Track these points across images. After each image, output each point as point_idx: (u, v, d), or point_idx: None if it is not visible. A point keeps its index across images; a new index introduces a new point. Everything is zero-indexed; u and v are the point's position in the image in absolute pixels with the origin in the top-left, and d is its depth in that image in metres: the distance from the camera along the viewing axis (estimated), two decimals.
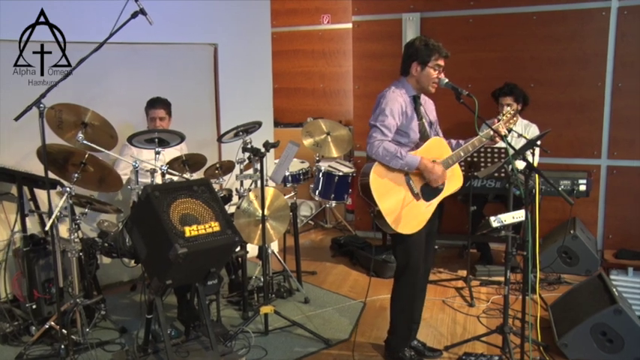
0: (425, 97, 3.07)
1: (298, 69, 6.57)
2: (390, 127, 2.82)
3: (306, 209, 6.14)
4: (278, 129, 6.12)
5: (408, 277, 2.97)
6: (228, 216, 2.90)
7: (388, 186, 2.82)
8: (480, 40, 4.94)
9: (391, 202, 2.81)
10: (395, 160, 2.77)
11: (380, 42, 5.27)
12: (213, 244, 2.72)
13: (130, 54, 4.15)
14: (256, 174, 3.70)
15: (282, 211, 3.79)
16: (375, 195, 2.78)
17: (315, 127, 5.12)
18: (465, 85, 3.84)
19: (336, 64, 6.42)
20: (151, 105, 3.96)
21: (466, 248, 4.34)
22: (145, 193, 2.71)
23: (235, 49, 4.68)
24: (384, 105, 2.85)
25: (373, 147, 2.78)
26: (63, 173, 3.17)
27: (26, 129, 3.20)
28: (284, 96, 6.54)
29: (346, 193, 5.16)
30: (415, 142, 2.94)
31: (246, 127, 3.77)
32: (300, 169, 5.28)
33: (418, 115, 2.96)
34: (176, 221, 2.65)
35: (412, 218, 2.86)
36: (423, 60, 2.88)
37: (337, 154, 5.09)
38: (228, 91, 4.68)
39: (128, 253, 3.37)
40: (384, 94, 2.90)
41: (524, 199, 2.75)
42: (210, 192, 2.89)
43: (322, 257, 5.02)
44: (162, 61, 4.34)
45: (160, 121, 3.92)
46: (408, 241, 2.91)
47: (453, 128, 3.95)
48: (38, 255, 3.38)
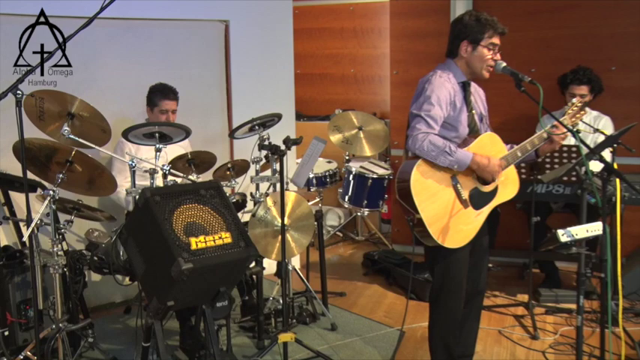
0: (474, 84, 3.06)
1: (325, 51, 6.57)
2: (437, 118, 2.81)
3: (333, 218, 6.15)
4: (301, 122, 6.15)
5: (446, 301, 2.95)
6: (242, 225, 2.89)
7: (432, 189, 2.81)
8: (545, 15, 4.86)
9: (435, 208, 2.80)
10: (443, 156, 2.75)
11: (423, 18, 5.24)
12: (223, 259, 2.72)
13: (126, 32, 4.21)
14: (275, 176, 3.71)
15: (305, 221, 3.80)
16: (416, 199, 2.77)
17: (344, 121, 5.11)
18: (526, 70, 3.80)
19: (370, 45, 6.40)
20: (163, 94, 3.96)
21: (527, 268, 4.30)
22: (144, 198, 2.72)
23: (250, 28, 4.71)
24: (429, 92, 2.84)
25: (417, 140, 2.76)
26: (45, 173, 3.20)
27: (1, 121, 3.26)
28: (308, 83, 6.55)
29: (381, 199, 5.15)
30: (463, 137, 2.93)
31: (263, 120, 3.78)
32: (327, 170, 5.28)
33: (468, 106, 2.95)
34: (180, 231, 2.66)
35: (459, 229, 2.85)
36: (475, 38, 2.87)
37: (371, 152, 5.08)
38: (241, 77, 4.71)
39: (122, 269, 3.39)
40: (429, 79, 2.89)
41: (602, 209, 2.70)
42: (221, 197, 2.89)
43: (352, 275, 5.02)
44: (164, 42, 4.39)
45: (172, 115, 3.96)
46: (450, 258, 2.90)
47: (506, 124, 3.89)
48: (13, 271, 3.39)
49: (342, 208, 6.07)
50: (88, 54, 3.98)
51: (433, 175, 2.81)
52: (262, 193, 3.79)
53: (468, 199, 2.88)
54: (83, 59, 3.97)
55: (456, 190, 2.86)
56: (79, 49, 3.63)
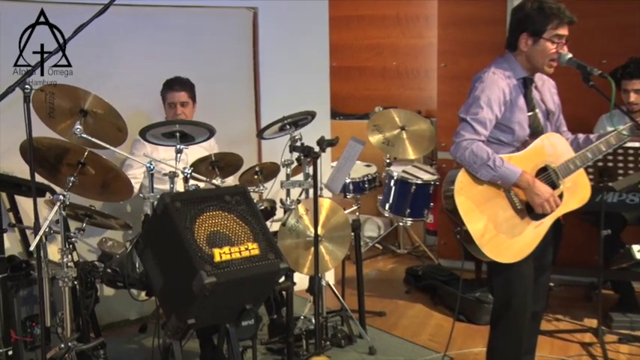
0: (542, 76, 3.03)
1: (364, 41, 6.56)
2: (485, 122, 2.81)
3: (372, 228, 6.14)
4: (337, 121, 6.16)
5: (511, 323, 2.93)
6: (271, 235, 2.90)
7: (481, 197, 2.81)
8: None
9: (484, 219, 2.80)
10: (484, 169, 2.76)
11: (476, 3, 5.19)
12: (250, 273, 2.73)
13: (144, 21, 4.25)
14: (308, 181, 3.70)
15: (341, 231, 3.79)
16: (461, 210, 2.77)
17: (385, 120, 5.10)
18: (596, 61, 3.70)
19: (416, 35, 6.38)
20: (168, 86, 4.04)
21: (596, 288, 4.20)
22: (163, 204, 2.75)
23: (281, 15, 4.73)
24: (479, 91, 2.84)
25: (459, 148, 2.79)
26: (54, 176, 3.24)
27: (7, 117, 3.32)
28: (344, 78, 6.55)
29: (426, 207, 5.13)
30: (522, 139, 2.91)
31: (294, 118, 3.79)
32: (365, 174, 5.27)
33: (529, 105, 2.93)
34: (202, 241, 2.68)
35: (514, 242, 2.83)
36: (537, 30, 2.84)
37: (415, 155, 5.06)
38: (271, 71, 4.73)
39: (138, 283, 3.42)
40: (481, 77, 2.88)
41: None
42: (247, 203, 2.90)
43: (393, 293, 5.00)
44: (185, 31, 4.43)
45: (182, 107, 3.99)
46: (510, 272, 2.88)
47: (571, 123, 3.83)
48: (19, 283, 3.42)
49: (382, 218, 6.04)
50: (102, 45, 4.03)
51: (480, 184, 2.81)
52: (293, 200, 3.79)
53: (525, 208, 2.85)
54: (97, 51, 4.02)
55: (510, 199, 2.84)
56: (93, 40, 3.67)
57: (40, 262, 2.94)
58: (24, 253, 3.75)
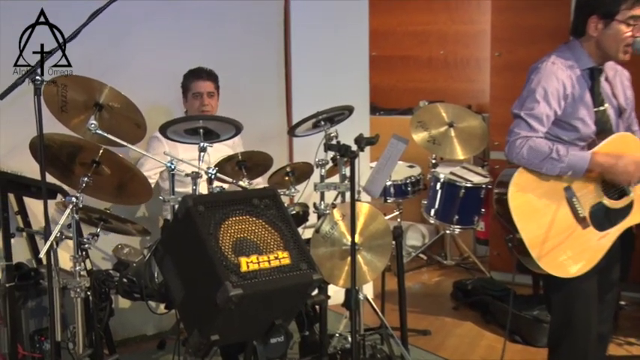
0: (615, 66, 3.00)
1: (407, 27, 6.56)
2: (542, 118, 2.81)
3: (415, 237, 6.14)
4: (376, 117, 6.16)
5: (572, 346, 2.91)
6: (303, 243, 2.90)
7: (538, 202, 2.80)
8: None
9: (540, 227, 2.79)
10: (549, 163, 2.75)
11: None
12: (279, 284, 2.73)
13: (164, 6, 4.29)
14: (344, 183, 3.69)
15: (381, 239, 3.77)
16: (515, 216, 2.77)
17: (431, 115, 5.08)
18: None
19: (466, 20, 6.37)
20: (193, 75, 4.08)
21: None
22: (184, 208, 2.76)
23: (315, 1, 4.74)
24: (534, 84, 2.84)
25: (514, 147, 2.79)
26: (67, 176, 3.27)
27: (15, 112, 3.36)
28: (386, 68, 6.55)
29: (476, 213, 5.13)
30: (587, 138, 2.90)
31: (330, 114, 3.78)
32: (408, 176, 5.27)
33: (596, 99, 2.90)
34: (228, 249, 2.69)
35: (575, 254, 2.82)
36: (607, 11, 2.80)
37: (464, 155, 5.04)
38: (304, 61, 4.75)
39: (156, 294, 3.45)
40: (538, 68, 2.88)
41: None
42: (278, 208, 2.91)
43: (440, 309, 5.00)
44: (210, 18, 4.47)
45: (209, 98, 4.05)
46: (570, 289, 2.87)
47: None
48: (27, 294, 3.47)
49: (427, 225, 6.05)
50: (118, 32, 4.08)
51: (539, 185, 2.80)
52: (328, 204, 3.79)
53: (589, 216, 2.83)
54: (114, 39, 4.07)
55: (571, 205, 2.83)
56: (108, 27, 3.71)
57: (50, 270, 2.99)
58: (33, 261, 3.80)
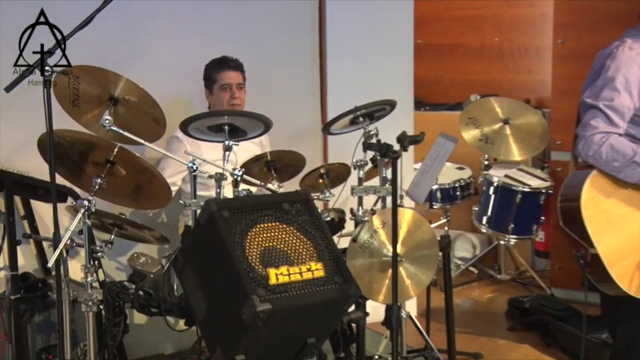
0: None
1: (458, 12, 6.55)
2: (623, 111, 2.79)
3: (465, 247, 6.13)
4: (421, 113, 6.17)
5: None
6: (339, 254, 2.91)
7: (615, 212, 2.79)
8: None
9: (619, 240, 2.77)
10: (630, 169, 2.73)
11: None
12: (312, 299, 2.73)
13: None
14: (385, 187, 3.68)
15: (426, 250, 3.76)
16: (589, 227, 2.74)
17: (483, 111, 5.06)
18: None
19: (524, 3, 6.34)
20: (220, 65, 4.10)
21: None
22: (207, 213, 2.77)
23: None
24: (612, 71, 2.80)
25: (591, 144, 2.75)
26: (78, 177, 3.30)
27: (22, 106, 3.41)
28: (432, 58, 6.54)
29: (535, 222, 5.09)
30: None
31: (369, 109, 3.77)
32: (457, 180, 5.27)
33: None
34: (255, 259, 2.70)
35: None
36: None
37: (521, 156, 5.00)
38: (340, 50, 4.75)
39: (176, 309, 3.45)
40: (614, 54, 2.84)
41: None
42: (310, 214, 2.92)
43: (492, 330, 4.98)
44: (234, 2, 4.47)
45: (238, 91, 4.07)
46: None
47: None
48: (34, 307, 3.50)
49: (478, 234, 6.03)
50: (136, 18, 4.11)
51: (615, 192, 2.78)
52: (367, 210, 3.77)
53: None
54: (130, 25, 4.10)
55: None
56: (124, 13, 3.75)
57: (59, 281, 2.97)
58: (40, 270, 3.84)
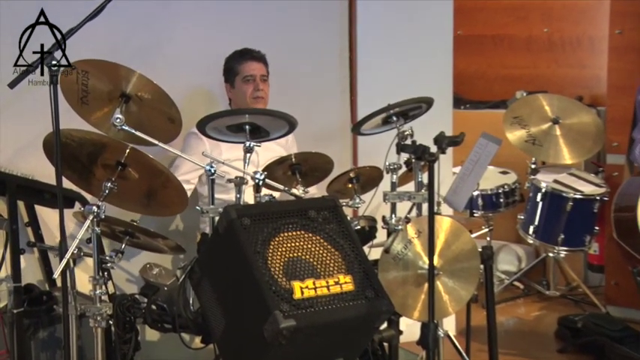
0: None
1: (502, 1, 6.52)
2: None
3: (509, 260, 6.11)
4: (461, 111, 6.17)
5: None
6: (370, 266, 2.90)
7: None
8: None
9: None
10: None
11: None
12: (341, 315, 2.73)
13: None
14: (421, 192, 3.66)
15: (466, 262, 3.73)
16: None
17: (530, 109, 5.07)
18: None
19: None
20: (243, 56, 4.11)
21: None
22: (227, 221, 2.78)
23: None
24: None
25: None
26: (87, 180, 3.30)
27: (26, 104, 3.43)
28: (473, 51, 6.54)
29: (588, 232, 5.07)
30: None
31: (403, 107, 3.75)
32: (501, 185, 5.26)
33: None
34: (278, 271, 2.69)
35: None
36: None
37: (572, 159, 5.01)
38: (372, 43, 4.75)
39: (192, 324, 3.45)
40: None
41: None
42: (339, 222, 2.92)
43: (541, 351, 4.96)
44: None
45: (262, 83, 4.08)
46: None
47: None
48: (38, 321, 3.53)
49: (524, 245, 6.02)
50: (149, 9, 4.13)
51: None
52: (400, 218, 3.75)
53: None
54: (143, 17, 4.12)
55: None
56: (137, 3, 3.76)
57: (65, 293, 3.00)
58: (45, 282, 3.85)
